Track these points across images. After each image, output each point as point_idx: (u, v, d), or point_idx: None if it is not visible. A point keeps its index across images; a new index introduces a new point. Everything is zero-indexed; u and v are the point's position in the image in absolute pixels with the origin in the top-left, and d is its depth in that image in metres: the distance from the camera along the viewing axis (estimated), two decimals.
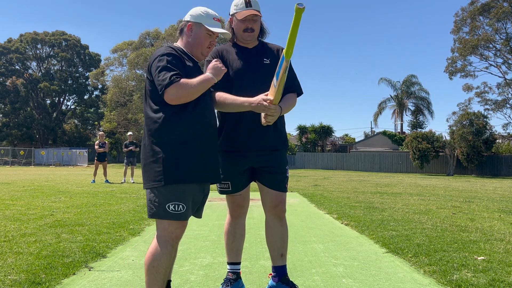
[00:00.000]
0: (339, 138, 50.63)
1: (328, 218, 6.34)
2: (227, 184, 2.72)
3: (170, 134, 2.25)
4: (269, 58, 2.71)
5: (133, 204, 7.61)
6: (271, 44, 2.83)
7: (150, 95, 2.33)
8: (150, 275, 2.22)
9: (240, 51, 2.71)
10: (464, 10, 35.32)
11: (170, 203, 2.21)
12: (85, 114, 52.66)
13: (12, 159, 38.50)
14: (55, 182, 13.65)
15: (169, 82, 2.18)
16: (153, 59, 2.32)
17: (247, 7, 2.60)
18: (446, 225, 5.63)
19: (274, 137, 2.71)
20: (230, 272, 2.82)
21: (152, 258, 2.22)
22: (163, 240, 2.24)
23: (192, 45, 2.43)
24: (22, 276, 3.05)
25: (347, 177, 22.24)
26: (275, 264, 2.79)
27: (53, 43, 49.89)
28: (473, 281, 3.09)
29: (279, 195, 2.74)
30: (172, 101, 2.21)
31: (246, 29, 2.64)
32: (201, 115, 2.34)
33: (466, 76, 36.40)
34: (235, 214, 2.83)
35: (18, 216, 5.81)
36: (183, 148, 2.25)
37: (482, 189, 14.13)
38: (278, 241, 2.77)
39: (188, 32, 2.43)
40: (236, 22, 2.66)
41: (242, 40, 2.70)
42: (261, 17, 2.71)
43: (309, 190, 11.81)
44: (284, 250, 2.79)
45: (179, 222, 2.25)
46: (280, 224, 2.77)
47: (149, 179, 2.26)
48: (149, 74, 2.35)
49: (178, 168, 2.23)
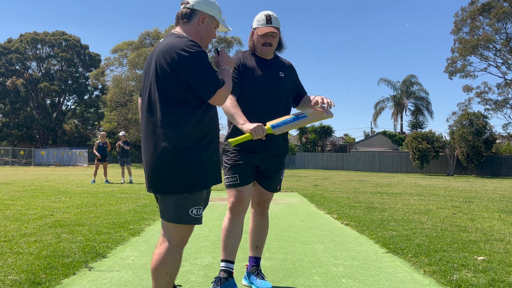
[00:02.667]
0: (339, 138, 50.64)
1: (328, 218, 6.34)
2: (235, 176, 2.85)
3: (192, 137, 2.12)
4: (284, 72, 3.00)
5: (133, 204, 7.61)
6: (282, 59, 3.11)
7: (168, 94, 2.11)
8: (163, 281, 2.11)
9: (259, 61, 2.96)
10: (464, 10, 35.33)
11: (193, 207, 2.16)
12: (85, 114, 52.63)
13: (12, 159, 38.50)
14: (55, 182, 13.65)
15: (222, 83, 2.12)
16: (178, 53, 2.07)
17: (267, 23, 2.87)
18: (446, 225, 5.63)
19: (284, 142, 3.00)
20: (222, 271, 2.81)
21: (166, 265, 2.11)
22: (175, 245, 2.15)
23: (202, 37, 2.27)
24: (22, 276, 3.05)
25: (347, 177, 22.24)
26: (251, 254, 3.10)
27: (53, 43, 49.87)
28: (473, 281, 3.09)
29: (268, 194, 3.05)
30: (219, 102, 2.17)
31: (265, 43, 2.89)
32: (215, 117, 2.28)
33: (466, 76, 36.42)
34: (235, 210, 2.87)
35: (18, 216, 5.81)
36: (205, 152, 2.16)
37: (482, 189, 14.13)
38: (256, 234, 3.07)
39: (200, 23, 2.25)
40: (257, 36, 2.91)
41: (261, 53, 2.96)
42: (280, 33, 2.94)
43: (309, 190, 11.82)
44: (260, 243, 3.08)
45: (191, 226, 2.20)
46: (260, 219, 3.08)
47: (174, 184, 2.11)
48: (168, 65, 2.08)
49: (203, 173, 2.16)
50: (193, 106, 2.13)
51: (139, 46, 38.62)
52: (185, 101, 2.12)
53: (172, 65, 2.08)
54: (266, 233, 3.13)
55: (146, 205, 7.47)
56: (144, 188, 11.54)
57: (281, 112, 2.89)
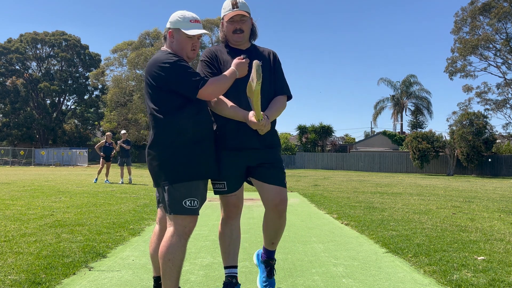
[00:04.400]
0: (339, 138, 50.70)
1: (328, 218, 6.34)
2: (222, 184, 2.67)
3: (182, 134, 2.40)
4: (261, 61, 2.63)
5: (133, 204, 7.61)
6: (262, 48, 2.87)
7: (151, 99, 2.45)
8: (167, 267, 2.33)
9: (233, 52, 2.72)
10: (464, 10, 35.35)
11: (186, 199, 2.37)
12: (85, 114, 52.64)
13: (12, 159, 38.51)
14: (55, 182, 13.65)
15: (204, 81, 2.39)
16: (161, 66, 2.39)
17: (233, 8, 2.64)
18: (446, 225, 5.63)
19: (269, 135, 2.68)
20: (229, 277, 2.75)
21: (168, 251, 2.33)
22: (178, 234, 2.37)
23: (176, 50, 2.53)
24: (22, 276, 3.06)
25: (347, 177, 22.24)
26: (265, 246, 2.93)
27: (53, 43, 49.88)
28: (473, 281, 3.09)
29: (280, 191, 2.67)
30: (210, 96, 2.46)
31: (235, 30, 2.68)
32: (206, 115, 2.54)
33: (466, 76, 36.46)
34: (231, 215, 2.77)
35: (18, 216, 5.81)
36: (195, 147, 2.43)
37: (482, 189, 14.13)
38: (273, 233, 2.84)
39: (170, 39, 2.55)
40: (226, 25, 2.70)
41: (234, 42, 2.74)
42: (252, 19, 2.74)
43: (309, 190, 11.82)
44: (276, 240, 2.90)
45: (193, 216, 2.41)
46: (279, 222, 2.76)
47: (165, 178, 2.39)
48: (155, 80, 2.41)
49: (192, 166, 2.40)
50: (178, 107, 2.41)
51: (139, 46, 38.62)
52: (168, 103, 2.41)
53: (158, 77, 2.41)
54: (283, 230, 2.85)
55: (146, 205, 7.48)
56: (144, 188, 11.66)
57: (264, 103, 2.64)
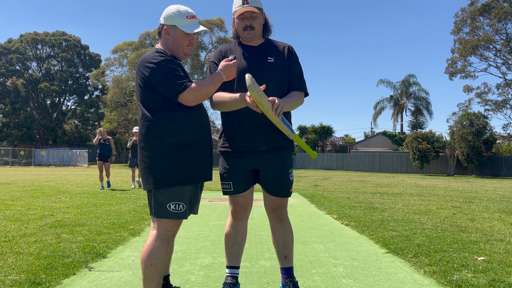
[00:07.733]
0: (339, 138, 50.67)
1: (328, 219, 6.34)
2: (228, 184, 2.67)
3: (170, 136, 2.30)
4: (274, 57, 2.64)
5: (133, 204, 7.61)
6: (278, 42, 2.75)
7: (141, 98, 2.36)
8: (149, 272, 2.26)
9: (245, 50, 2.66)
10: (464, 11, 35.34)
11: (171, 203, 2.29)
12: (85, 115, 52.67)
13: (12, 159, 38.50)
14: (55, 182, 13.65)
15: (184, 86, 2.26)
16: (146, 66, 2.30)
17: (243, 4, 2.55)
18: (446, 225, 5.63)
19: (276, 136, 2.60)
20: (230, 277, 2.74)
21: (150, 255, 2.26)
22: (161, 237, 2.30)
23: (172, 48, 2.43)
24: (22, 276, 3.05)
25: (347, 177, 22.24)
26: (280, 265, 2.80)
27: (53, 44, 49.90)
28: (473, 281, 3.09)
29: (278, 199, 2.71)
30: (190, 102, 2.30)
31: (245, 27, 2.59)
32: (198, 116, 2.41)
33: (466, 77, 36.45)
34: (237, 216, 2.75)
35: (18, 216, 5.81)
36: (184, 150, 2.32)
37: (482, 189, 14.13)
38: (280, 243, 2.75)
39: (166, 36, 2.42)
40: (236, 21, 2.62)
41: (245, 39, 2.65)
42: (264, 14, 2.66)
43: (309, 190, 11.81)
44: (288, 252, 2.75)
45: (175, 221, 2.33)
46: (280, 227, 2.74)
47: (149, 181, 2.31)
48: (141, 79, 2.32)
49: (177, 171, 2.30)
50: (169, 109, 2.31)
51: (139, 46, 38.64)
52: (157, 104, 2.31)
53: (143, 77, 2.31)
54: (291, 239, 2.77)
55: (146, 205, 7.47)
56: None
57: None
